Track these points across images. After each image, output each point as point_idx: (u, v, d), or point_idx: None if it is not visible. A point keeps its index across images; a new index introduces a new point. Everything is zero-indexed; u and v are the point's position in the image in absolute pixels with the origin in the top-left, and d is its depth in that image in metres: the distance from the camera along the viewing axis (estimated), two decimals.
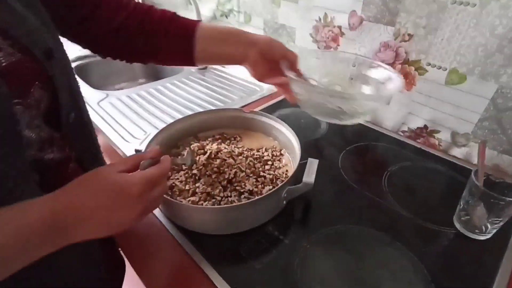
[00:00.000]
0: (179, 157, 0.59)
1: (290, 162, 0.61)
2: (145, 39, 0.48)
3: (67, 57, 0.39)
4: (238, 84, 1.03)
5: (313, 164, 0.52)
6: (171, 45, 0.50)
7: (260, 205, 0.48)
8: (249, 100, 0.91)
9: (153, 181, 0.35)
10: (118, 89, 0.97)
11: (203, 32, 0.49)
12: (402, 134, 0.78)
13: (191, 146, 0.56)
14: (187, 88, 0.99)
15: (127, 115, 0.83)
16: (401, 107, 0.74)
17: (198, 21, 0.50)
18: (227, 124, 0.70)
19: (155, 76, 1.23)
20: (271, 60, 0.51)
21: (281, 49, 0.51)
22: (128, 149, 0.69)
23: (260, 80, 0.53)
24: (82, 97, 0.43)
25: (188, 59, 0.51)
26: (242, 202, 0.49)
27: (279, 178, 0.56)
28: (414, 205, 0.56)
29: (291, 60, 0.51)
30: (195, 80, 1.05)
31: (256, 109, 0.74)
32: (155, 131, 0.62)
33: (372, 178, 0.62)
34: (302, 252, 0.47)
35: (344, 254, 0.47)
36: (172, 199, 0.49)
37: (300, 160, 0.53)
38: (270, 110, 0.84)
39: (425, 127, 0.73)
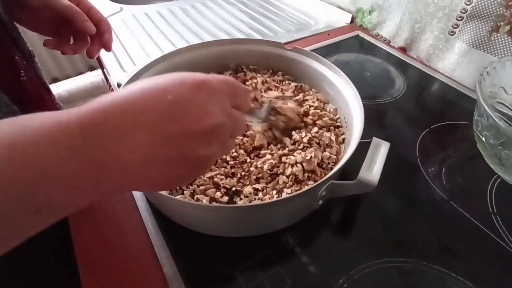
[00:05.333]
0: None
1: (339, 135, 0.40)
2: None
3: None
4: (287, 14, 0.78)
5: (380, 150, 0.31)
6: None
7: (281, 207, 0.29)
8: (297, 36, 0.67)
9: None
10: (137, 4, 0.78)
11: None
12: None
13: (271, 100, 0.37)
14: (221, 12, 0.77)
15: (137, 37, 0.65)
16: None
17: None
18: (255, 64, 0.48)
19: None
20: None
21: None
22: (119, 81, 0.51)
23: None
24: None
25: None
26: (250, 204, 0.30)
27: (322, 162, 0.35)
28: None
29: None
30: (234, 4, 0.82)
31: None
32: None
33: (470, 185, 0.39)
34: None
35: None
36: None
37: (361, 138, 0.32)
38: (324, 52, 0.60)
39: None
